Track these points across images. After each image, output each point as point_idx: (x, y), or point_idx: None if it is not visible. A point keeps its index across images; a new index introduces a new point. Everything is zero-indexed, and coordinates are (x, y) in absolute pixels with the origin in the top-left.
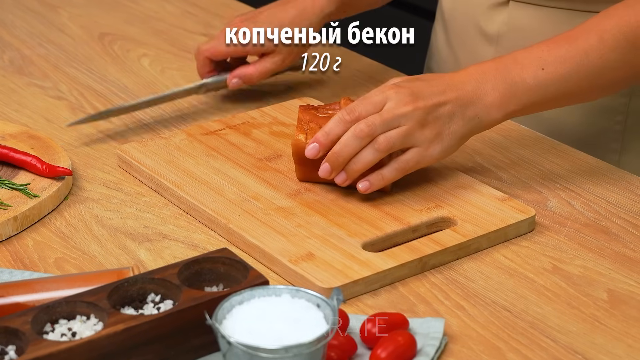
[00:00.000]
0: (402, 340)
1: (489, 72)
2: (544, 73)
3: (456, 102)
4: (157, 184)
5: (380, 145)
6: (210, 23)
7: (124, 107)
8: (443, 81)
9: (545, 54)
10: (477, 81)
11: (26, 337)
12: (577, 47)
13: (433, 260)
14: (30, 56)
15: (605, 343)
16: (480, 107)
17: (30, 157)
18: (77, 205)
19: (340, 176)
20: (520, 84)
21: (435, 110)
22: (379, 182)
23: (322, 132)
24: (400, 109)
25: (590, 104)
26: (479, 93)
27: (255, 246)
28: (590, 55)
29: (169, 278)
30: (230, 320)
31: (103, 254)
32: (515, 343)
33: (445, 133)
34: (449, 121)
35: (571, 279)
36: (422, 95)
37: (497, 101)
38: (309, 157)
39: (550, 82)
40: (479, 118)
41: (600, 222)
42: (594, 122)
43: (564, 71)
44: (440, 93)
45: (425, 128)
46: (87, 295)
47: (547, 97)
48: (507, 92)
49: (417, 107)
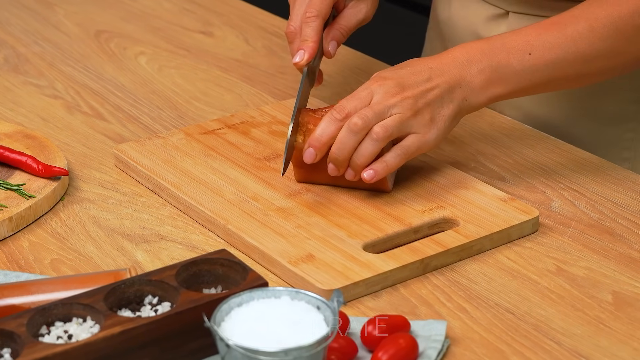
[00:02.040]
0: (403, 342)
1: (475, 54)
2: (531, 58)
3: (444, 86)
4: (155, 184)
5: (378, 135)
6: (208, 20)
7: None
8: (427, 66)
9: (533, 38)
10: (463, 64)
11: (21, 339)
12: (565, 34)
13: (435, 261)
14: (25, 54)
15: (610, 346)
16: (466, 90)
17: (25, 157)
18: (73, 206)
19: (348, 173)
20: (507, 67)
21: (424, 96)
22: (383, 169)
23: (314, 137)
24: (389, 100)
25: (599, 113)
26: (465, 75)
27: (254, 247)
28: (579, 43)
29: (167, 280)
30: (229, 323)
31: (100, 255)
32: (519, 346)
33: (439, 117)
34: (439, 106)
35: (575, 281)
36: (408, 84)
37: (483, 84)
38: (307, 162)
39: (537, 68)
40: (466, 100)
41: (605, 222)
42: (604, 131)
43: (551, 57)
44: (425, 80)
45: (418, 115)
46: (84, 297)
47: (533, 82)
48: (493, 76)
49: (405, 96)
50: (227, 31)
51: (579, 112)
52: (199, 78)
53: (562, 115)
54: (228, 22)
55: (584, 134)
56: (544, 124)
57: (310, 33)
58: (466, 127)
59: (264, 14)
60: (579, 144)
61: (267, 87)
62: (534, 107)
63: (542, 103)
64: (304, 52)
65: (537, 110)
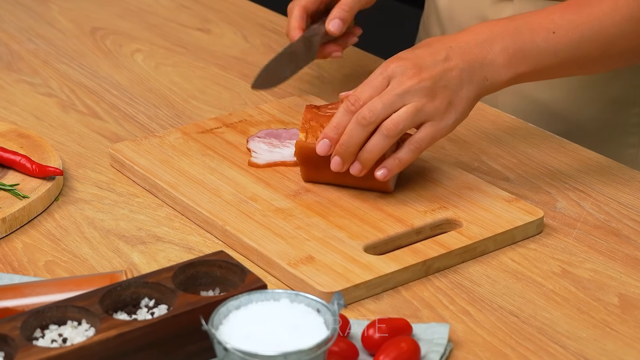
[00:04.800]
0: (405, 346)
1: (498, 32)
2: (555, 37)
3: (463, 66)
4: (151, 184)
5: (388, 131)
6: (206, 17)
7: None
8: (445, 44)
9: (557, 17)
10: (485, 41)
11: (15, 343)
12: (590, 13)
13: (437, 263)
14: (19, 51)
15: (616, 349)
16: (488, 69)
17: (19, 157)
18: (68, 207)
19: (354, 166)
20: (531, 45)
21: (443, 78)
22: (397, 166)
23: (330, 127)
24: (405, 84)
25: (605, 97)
26: (487, 54)
27: (253, 249)
28: (604, 23)
29: (164, 282)
30: (227, 326)
31: (95, 257)
32: (523, 349)
33: (457, 100)
34: (459, 87)
35: (581, 283)
36: (425, 64)
37: (506, 62)
38: (320, 154)
39: (561, 47)
40: (488, 80)
41: (611, 223)
42: (609, 116)
43: (576, 36)
44: (444, 59)
45: (436, 99)
46: (79, 300)
47: (556, 61)
48: (517, 53)
49: (422, 78)
50: (225, 28)
51: (585, 96)
52: (196, 76)
53: (567, 100)
54: (226, 19)
55: (589, 119)
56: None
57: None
58: (469, 126)
59: (262, 10)
60: (584, 130)
61: None
62: (538, 92)
63: (546, 88)
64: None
65: (542, 96)
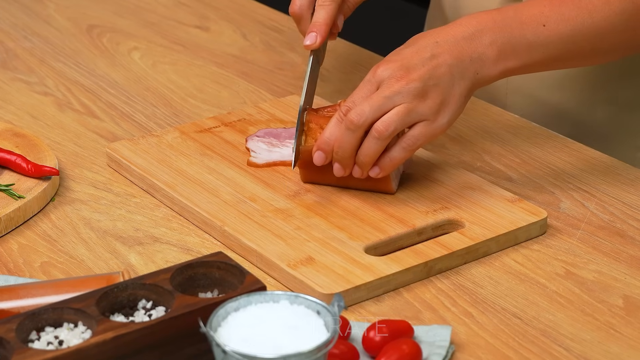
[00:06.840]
0: (406, 348)
1: (486, 24)
2: (545, 30)
3: (452, 62)
4: (149, 185)
5: (379, 133)
6: (204, 14)
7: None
8: (431, 40)
9: (547, 9)
10: (473, 35)
11: (10, 345)
12: (580, 7)
13: (439, 264)
14: (14, 49)
15: (620, 352)
16: (477, 63)
17: (14, 156)
18: (64, 207)
19: (355, 171)
20: (520, 38)
21: (432, 77)
22: (389, 165)
23: (322, 139)
24: (393, 87)
25: (615, 99)
26: (475, 47)
27: (252, 250)
28: (595, 17)
29: (161, 283)
30: (226, 328)
31: (91, 258)
32: (526, 352)
33: (450, 98)
34: (450, 84)
35: (585, 285)
36: (413, 64)
37: (494, 56)
38: (317, 165)
39: (551, 41)
40: (478, 74)
41: (615, 224)
42: (620, 119)
43: (566, 30)
44: (431, 57)
45: (427, 98)
46: (75, 302)
47: (547, 55)
48: (506, 47)
49: (411, 79)
50: (224, 26)
51: (594, 98)
52: (194, 74)
53: (576, 102)
54: (225, 17)
55: (598, 121)
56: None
57: (324, 16)
58: (472, 125)
59: (262, 7)
60: (593, 131)
61: (265, 84)
62: (548, 94)
63: (555, 89)
64: (316, 35)
65: (551, 97)
